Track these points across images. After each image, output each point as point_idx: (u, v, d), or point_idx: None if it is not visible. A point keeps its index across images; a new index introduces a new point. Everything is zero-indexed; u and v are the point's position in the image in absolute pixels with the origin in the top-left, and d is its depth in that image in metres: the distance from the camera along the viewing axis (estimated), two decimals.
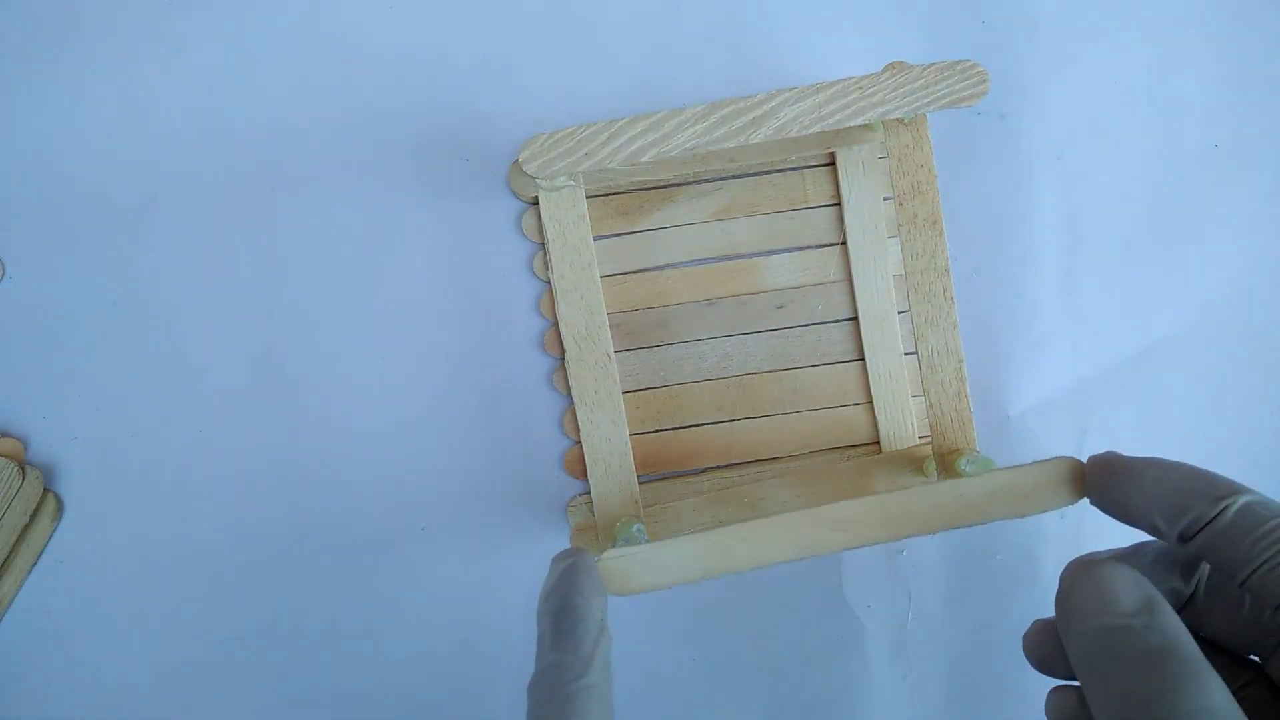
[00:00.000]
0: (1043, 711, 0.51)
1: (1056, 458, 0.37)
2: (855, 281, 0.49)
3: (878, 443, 0.49)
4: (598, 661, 0.31)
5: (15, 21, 0.48)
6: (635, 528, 0.41)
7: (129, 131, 0.48)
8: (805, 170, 0.49)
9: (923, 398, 0.45)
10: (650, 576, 0.38)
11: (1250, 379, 0.51)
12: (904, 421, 0.49)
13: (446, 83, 0.49)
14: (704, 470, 0.50)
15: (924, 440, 0.49)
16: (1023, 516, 0.38)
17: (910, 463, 0.48)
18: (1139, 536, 0.50)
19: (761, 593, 0.50)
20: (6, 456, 0.46)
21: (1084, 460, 0.37)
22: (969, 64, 0.40)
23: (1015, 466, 0.38)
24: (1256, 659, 0.30)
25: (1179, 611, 0.28)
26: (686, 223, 0.49)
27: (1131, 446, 0.50)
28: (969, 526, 0.38)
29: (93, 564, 0.48)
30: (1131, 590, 0.27)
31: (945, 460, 0.44)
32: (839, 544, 0.38)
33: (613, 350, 0.43)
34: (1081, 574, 0.28)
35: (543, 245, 0.48)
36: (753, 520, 0.38)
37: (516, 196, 0.49)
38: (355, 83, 0.49)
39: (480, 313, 0.49)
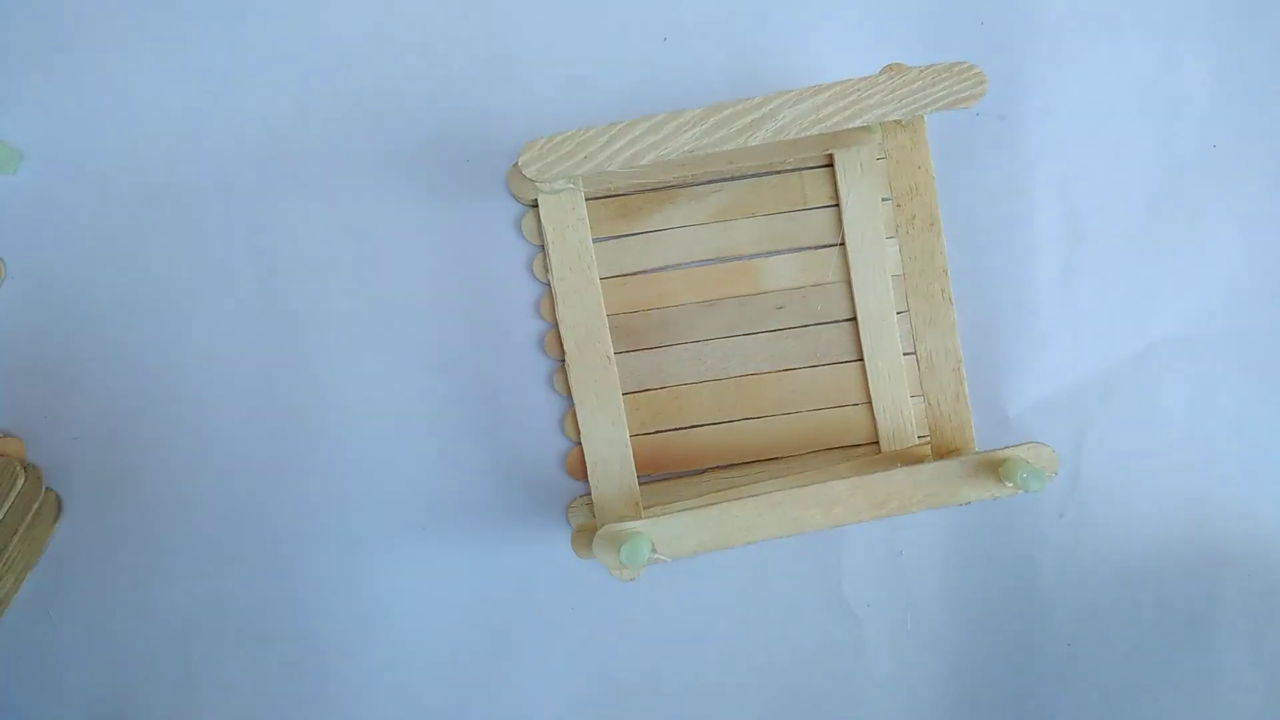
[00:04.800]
0: (1041, 712, 0.51)
1: (1030, 442, 0.39)
2: (854, 282, 0.49)
3: (877, 443, 0.49)
4: None
5: (16, 22, 0.48)
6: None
7: (129, 132, 0.48)
8: (804, 172, 0.49)
9: (922, 397, 0.45)
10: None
11: (1250, 379, 0.51)
12: (903, 421, 0.49)
13: (447, 84, 0.49)
14: (704, 471, 0.50)
15: (923, 440, 0.49)
16: (996, 498, 0.40)
17: (910, 463, 0.48)
18: (1138, 534, 0.51)
19: (762, 593, 0.50)
20: (8, 456, 0.46)
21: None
22: (966, 65, 0.40)
23: (990, 450, 0.40)
24: None
25: None
26: (686, 224, 0.49)
27: (1131, 446, 0.51)
28: (946, 507, 0.40)
29: (93, 562, 0.48)
30: None
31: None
32: (823, 522, 0.40)
33: (613, 352, 0.43)
34: None
35: (542, 247, 0.48)
36: (744, 499, 0.39)
37: (516, 199, 0.49)
38: (356, 83, 0.49)
39: (480, 314, 0.49)
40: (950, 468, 0.40)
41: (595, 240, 0.48)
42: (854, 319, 0.49)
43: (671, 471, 0.49)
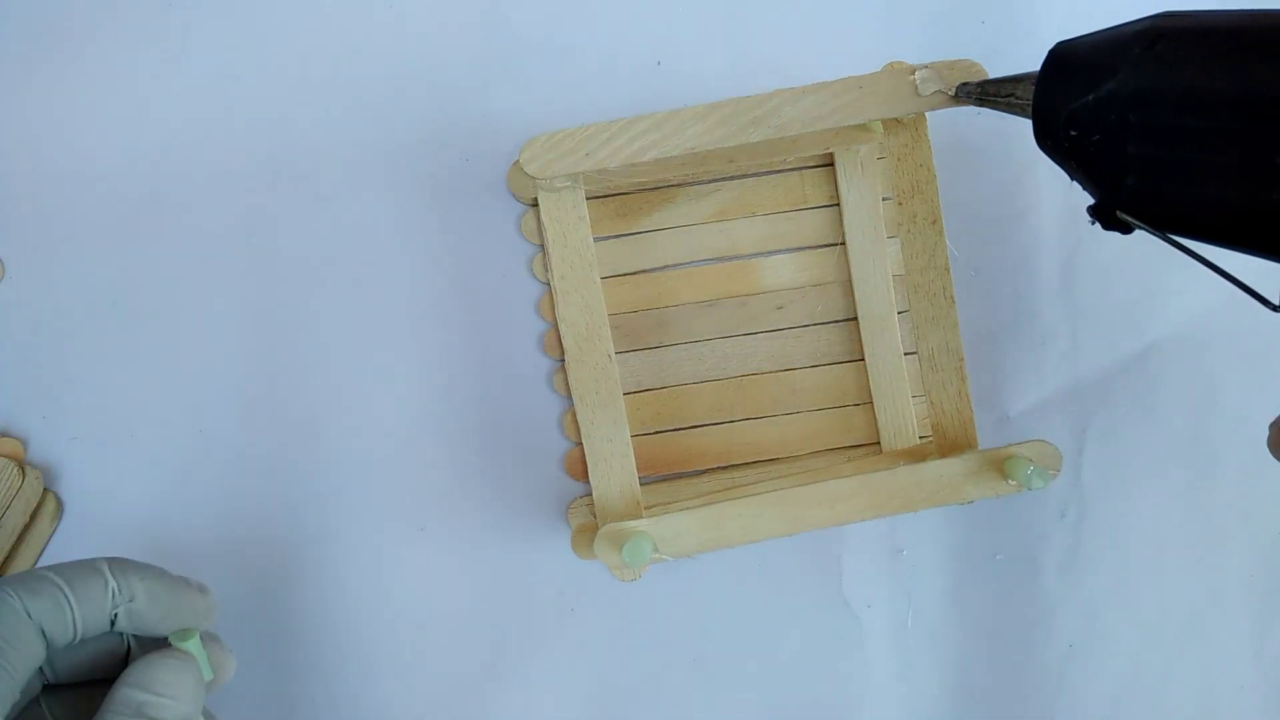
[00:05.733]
0: (1041, 712, 0.51)
1: (1034, 440, 0.39)
2: (855, 282, 0.49)
3: (878, 443, 0.49)
4: None
5: (15, 21, 0.48)
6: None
7: (129, 131, 0.48)
8: (804, 171, 0.49)
9: (923, 397, 0.45)
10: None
11: (1250, 379, 0.51)
12: (904, 421, 0.49)
13: (446, 83, 0.49)
14: (705, 471, 0.50)
15: (925, 440, 0.49)
16: (1000, 496, 0.41)
17: (913, 461, 0.48)
18: (1138, 534, 0.51)
19: (762, 593, 0.50)
20: (6, 457, 0.46)
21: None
22: (968, 63, 0.40)
23: (993, 448, 0.40)
24: None
25: None
26: (686, 224, 0.49)
27: (1131, 446, 0.51)
28: (949, 505, 0.41)
29: None
30: None
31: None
32: (826, 520, 0.40)
33: (613, 351, 0.43)
34: None
35: (542, 247, 0.48)
36: (745, 497, 0.39)
37: (516, 198, 0.49)
38: (355, 82, 0.49)
39: (480, 314, 0.49)
40: (953, 465, 0.40)
41: (595, 239, 0.48)
42: (854, 319, 0.49)
43: (672, 471, 0.49)
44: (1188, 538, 0.51)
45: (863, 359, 0.49)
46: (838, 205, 0.49)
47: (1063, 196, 0.51)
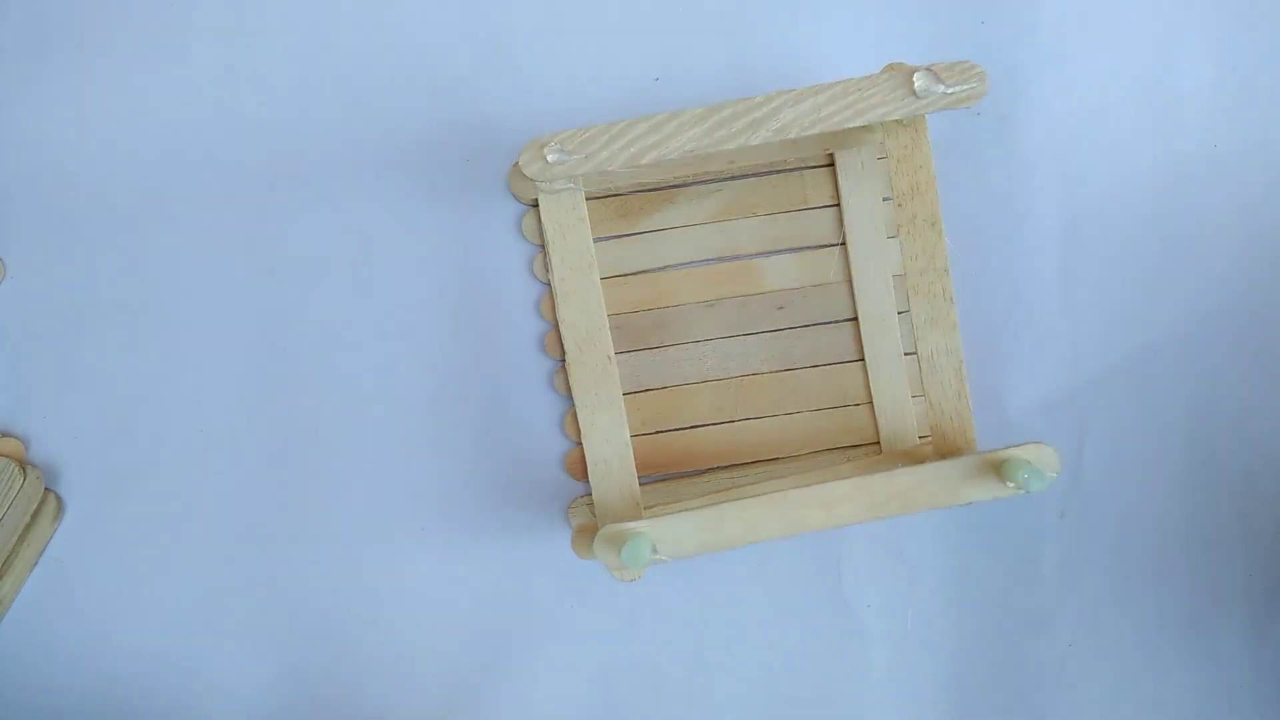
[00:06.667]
0: (1041, 712, 0.51)
1: (1031, 443, 0.39)
2: (855, 282, 0.49)
3: (878, 443, 0.49)
4: None
5: (16, 21, 0.48)
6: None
7: (129, 131, 0.48)
8: (805, 171, 0.49)
9: (923, 398, 0.45)
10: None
11: (1250, 379, 0.51)
12: (904, 421, 0.49)
13: (447, 84, 0.49)
14: (705, 471, 0.50)
15: (924, 440, 0.49)
16: (998, 498, 0.40)
17: (912, 463, 0.48)
18: (1138, 534, 0.51)
19: (762, 593, 0.50)
20: (7, 456, 0.46)
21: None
22: (967, 65, 0.40)
23: (991, 450, 0.40)
24: None
25: None
26: (686, 224, 0.49)
27: (1131, 446, 0.51)
28: (948, 507, 0.40)
29: (93, 563, 0.48)
30: None
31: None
32: (825, 522, 0.40)
33: (613, 352, 0.43)
34: None
35: (543, 247, 0.48)
36: (745, 499, 0.39)
37: (516, 199, 0.49)
38: (355, 84, 0.49)
39: (480, 315, 0.49)
40: (952, 468, 0.40)
41: (595, 240, 0.48)
42: (855, 319, 0.49)
43: (672, 471, 0.49)
44: (1187, 538, 0.51)
45: (863, 359, 0.49)
46: (838, 206, 0.49)
47: (1063, 197, 0.51)
